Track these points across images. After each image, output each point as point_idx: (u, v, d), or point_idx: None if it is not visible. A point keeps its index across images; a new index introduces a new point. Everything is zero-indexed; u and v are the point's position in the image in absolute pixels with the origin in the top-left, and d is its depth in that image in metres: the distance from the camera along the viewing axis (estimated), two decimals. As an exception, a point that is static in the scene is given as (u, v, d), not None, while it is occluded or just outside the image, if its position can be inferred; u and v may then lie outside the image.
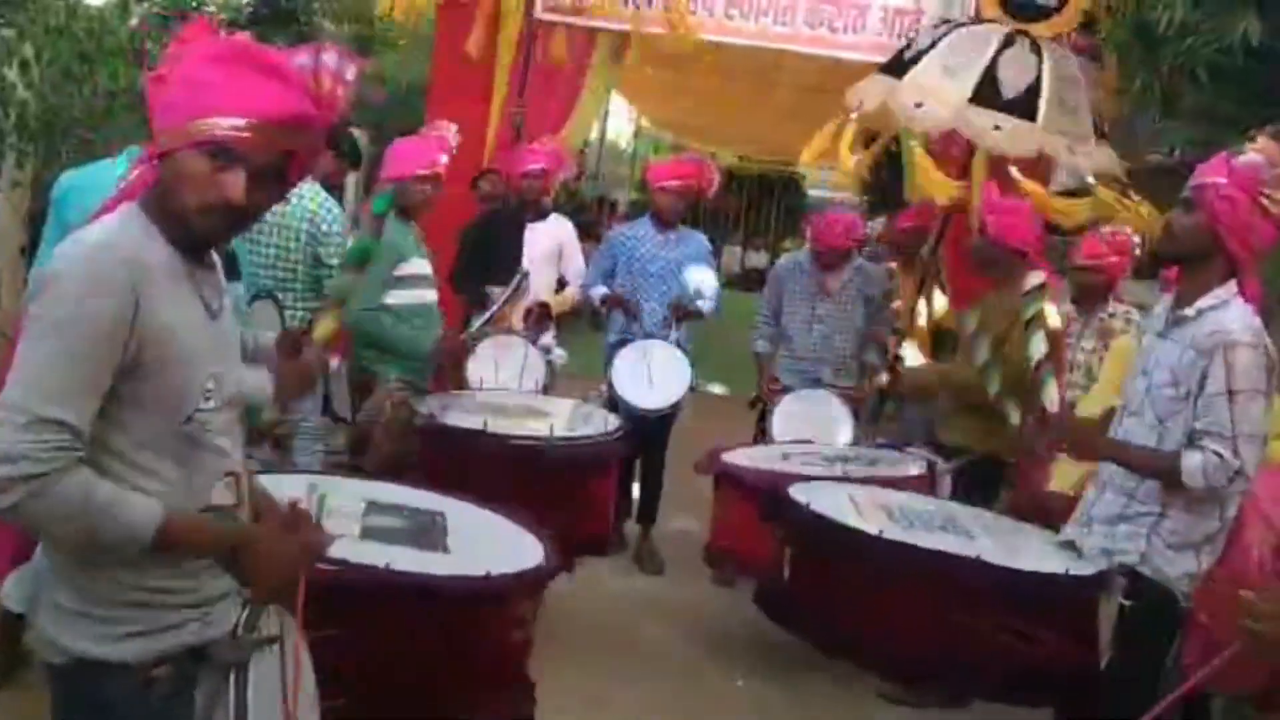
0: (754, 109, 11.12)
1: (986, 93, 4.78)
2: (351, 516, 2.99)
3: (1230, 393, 3.00)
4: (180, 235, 1.90)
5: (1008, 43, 4.92)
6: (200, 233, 1.91)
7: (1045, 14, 5.22)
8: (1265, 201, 3.01)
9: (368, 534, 2.91)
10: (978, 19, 5.52)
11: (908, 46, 5.23)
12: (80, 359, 1.75)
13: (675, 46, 7.04)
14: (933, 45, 5.01)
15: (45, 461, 1.70)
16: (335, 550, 2.11)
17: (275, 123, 1.87)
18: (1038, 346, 3.37)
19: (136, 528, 1.78)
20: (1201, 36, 5.50)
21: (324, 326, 3.15)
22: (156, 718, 1.90)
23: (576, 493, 4.43)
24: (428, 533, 3.05)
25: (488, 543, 3.10)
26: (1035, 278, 3.46)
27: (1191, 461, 3.04)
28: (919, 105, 4.82)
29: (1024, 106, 4.77)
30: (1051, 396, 3.35)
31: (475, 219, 6.20)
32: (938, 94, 4.83)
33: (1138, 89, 5.99)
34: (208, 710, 1.94)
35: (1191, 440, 3.07)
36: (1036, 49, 4.91)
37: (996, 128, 4.79)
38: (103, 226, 1.86)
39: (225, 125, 1.84)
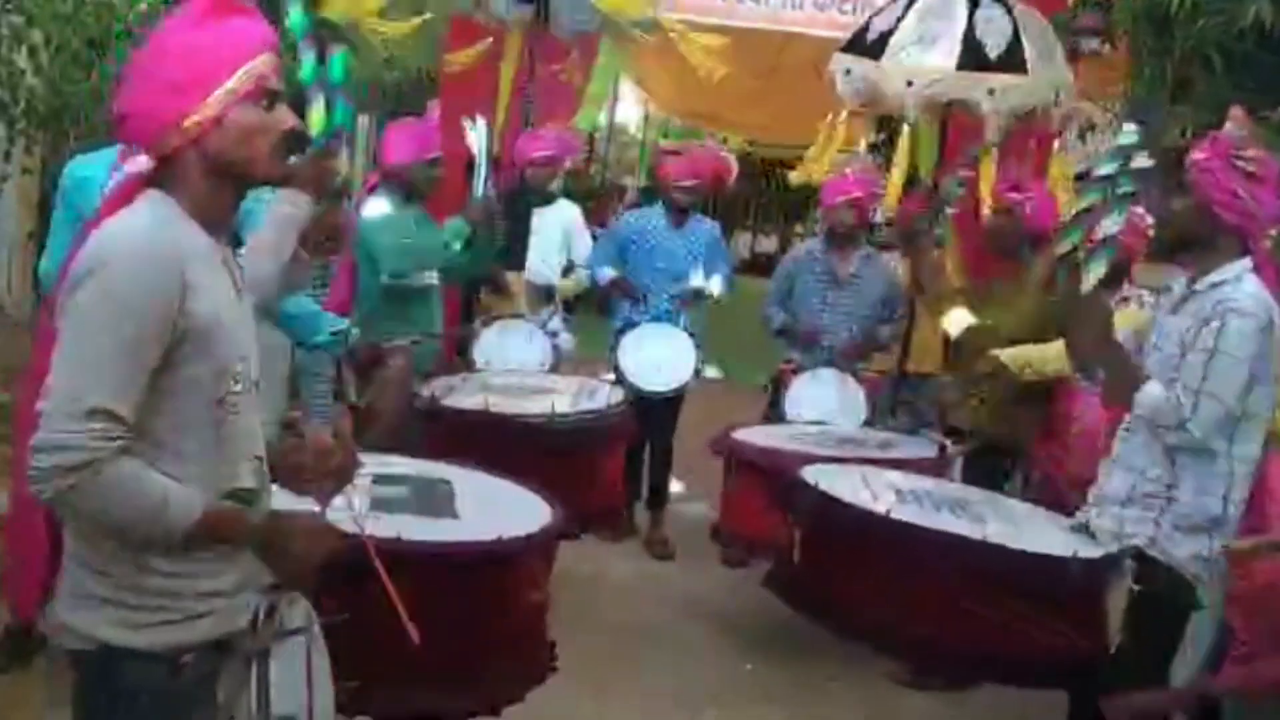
0: (763, 94, 11.07)
1: (972, 57, 4.71)
2: (359, 489, 2.99)
3: (1213, 351, 2.99)
4: (223, 205, 1.94)
5: (975, 3, 4.84)
6: (269, 175, 1.98)
7: None
8: (1240, 163, 3.01)
9: (376, 505, 2.91)
10: None
11: (866, 27, 5.11)
12: (130, 348, 1.76)
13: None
14: (899, 21, 4.92)
15: (93, 451, 1.71)
16: (345, 525, 2.12)
17: (271, 50, 1.93)
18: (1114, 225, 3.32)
19: (176, 519, 1.80)
20: (1213, 20, 5.47)
21: None
22: (181, 706, 1.91)
23: (582, 468, 4.45)
24: (436, 501, 3.09)
25: (497, 507, 3.13)
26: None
27: (1152, 389, 3.07)
28: (909, 84, 4.76)
29: (1011, 62, 4.71)
30: (1093, 278, 3.29)
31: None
32: (923, 69, 4.77)
33: (1150, 72, 5.96)
34: (231, 701, 1.96)
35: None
36: (1004, 4, 4.84)
37: (990, 91, 4.74)
38: (137, 215, 1.86)
39: (254, 70, 1.88)
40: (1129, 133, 3.37)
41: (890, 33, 4.86)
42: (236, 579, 1.97)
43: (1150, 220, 5.03)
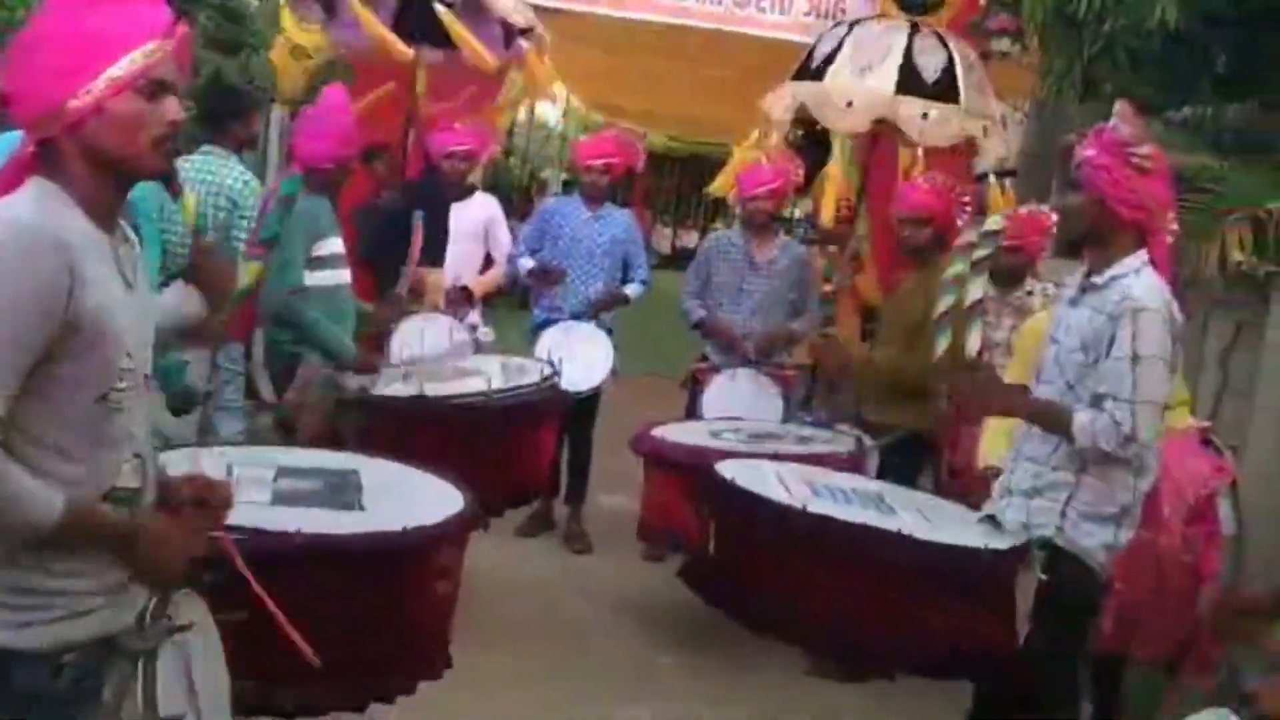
0: (686, 89, 11.09)
1: (910, 82, 4.83)
2: (261, 483, 2.94)
3: (1134, 358, 3.02)
4: (108, 196, 1.88)
5: (914, 31, 4.96)
6: (152, 170, 1.91)
7: (929, 7, 5.26)
8: (1136, 160, 3.05)
9: (279, 499, 2.86)
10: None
11: (810, 56, 5.23)
12: (8, 342, 1.71)
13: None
14: (837, 49, 5.03)
15: None
16: (244, 518, 2.08)
17: (165, 36, 1.86)
18: (974, 293, 3.45)
19: (38, 516, 1.75)
20: (1121, 20, 5.59)
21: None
22: (64, 706, 1.86)
23: (522, 442, 4.49)
24: (341, 492, 3.02)
25: (405, 498, 3.07)
26: (969, 234, 3.55)
27: (1083, 418, 3.07)
28: (849, 105, 4.86)
29: (946, 90, 4.83)
30: (974, 342, 3.41)
31: (397, 197, 6.11)
32: (863, 91, 4.86)
33: (1059, 71, 6.07)
34: (117, 700, 1.91)
35: (1094, 403, 3.09)
36: (939, 36, 4.96)
37: (925, 115, 4.85)
38: (21, 203, 1.80)
39: (140, 58, 1.81)
40: (995, 220, 3.58)
41: (832, 57, 4.96)
42: (122, 574, 1.92)
43: (1054, 218, 5.16)
